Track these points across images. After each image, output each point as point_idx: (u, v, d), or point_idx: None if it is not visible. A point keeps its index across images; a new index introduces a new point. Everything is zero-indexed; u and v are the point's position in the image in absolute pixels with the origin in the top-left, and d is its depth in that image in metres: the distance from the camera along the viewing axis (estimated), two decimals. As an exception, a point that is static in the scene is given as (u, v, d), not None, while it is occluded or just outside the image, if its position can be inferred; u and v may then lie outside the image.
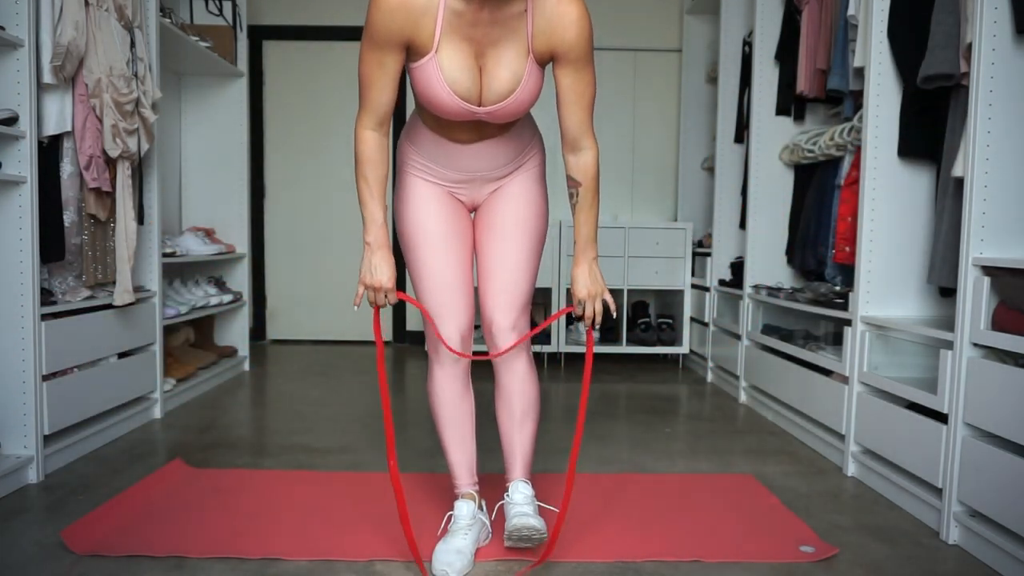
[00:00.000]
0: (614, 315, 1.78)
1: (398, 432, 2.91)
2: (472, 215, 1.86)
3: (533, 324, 1.81)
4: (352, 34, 4.94)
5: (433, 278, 1.76)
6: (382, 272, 1.67)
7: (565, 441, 2.77)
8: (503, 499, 1.83)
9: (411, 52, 1.57)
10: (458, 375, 1.83)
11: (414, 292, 1.81)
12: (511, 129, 1.72)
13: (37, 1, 2.28)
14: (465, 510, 1.80)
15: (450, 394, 1.83)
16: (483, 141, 1.70)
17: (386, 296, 1.68)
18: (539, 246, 1.81)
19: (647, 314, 4.76)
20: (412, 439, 2.81)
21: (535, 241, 1.80)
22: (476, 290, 1.82)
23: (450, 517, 1.82)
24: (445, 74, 1.55)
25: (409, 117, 1.79)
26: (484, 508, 1.89)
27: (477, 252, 1.83)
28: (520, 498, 1.78)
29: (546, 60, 1.60)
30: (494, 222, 1.79)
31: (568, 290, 4.60)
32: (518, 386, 1.81)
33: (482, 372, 2.05)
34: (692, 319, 4.39)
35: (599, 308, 1.73)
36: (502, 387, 1.83)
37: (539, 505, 1.82)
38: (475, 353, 1.83)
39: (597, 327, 1.76)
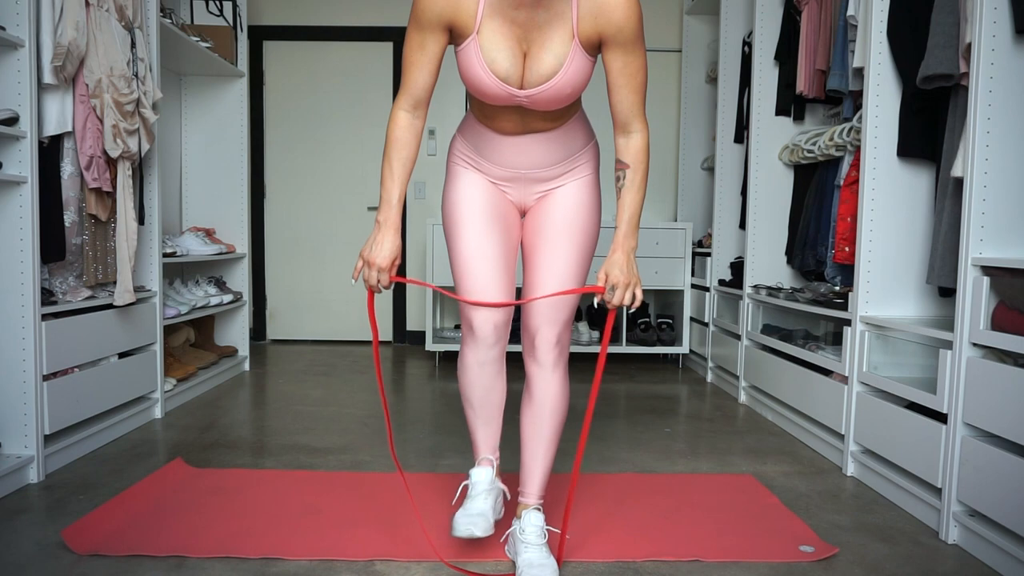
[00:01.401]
0: (632, 309, 1.70)
1: (398, 432, 2.91)
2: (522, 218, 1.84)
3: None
4: (352, 34, 4.96)
5: (472, 260, 1.71)
6: (382, 250, 1.64)
7: (567, 441, 2.78)
8: (513, 525, 1.80)
9: (455, 35, 1.57)
10: (491, 360, 1.77)
11: (453, 277, 1.76)
12: (559, 126, 1.69)
13: (38, 1, 2.28)
14: (484, 475, 1.78)
15: (481, 381, 1.78)
16: (529, 135, 1.68)
17: (379, 279, 1.65)
18: (588, 255, 1.77)
19: (647, 314, 4.76)
20: (412, 439, 2.81)
21: (585, 250, 1.76)
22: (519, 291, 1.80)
23: (465, 487, 1.80)
24: (485, 54, 1.55)
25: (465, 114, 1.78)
26: (499, 478, 1.86)
27: (524, 257, 1.79)
28: (532, 534, 1.73)
29: (594, 44, 1.57)
30: (542, 227, 1.75)
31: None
32: (551, 402, 1.77)
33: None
34: (692, 319, 4.40)
35: (628, 299, 1.66)
36: (534, 398, 1.79)
37: (547, 530, 1.78)
38: (507, 340, 1.77)
39: (627, 309, 1.70)
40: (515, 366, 1.79)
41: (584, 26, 1.54)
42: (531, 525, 1.74)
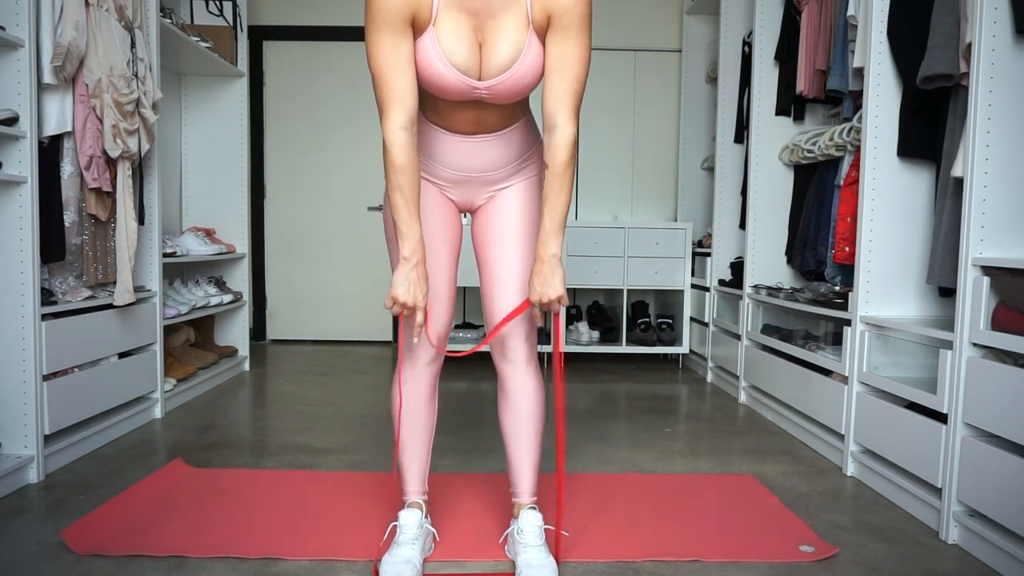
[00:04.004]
0: (556, 309, 1.66)
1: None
2: (465, 217, 1.83)
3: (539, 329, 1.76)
4: (352, 34, 4.96)
5: None
6: (420, 290, 1.57)
7: (553, 441, 2.78)
8: (511, 525, 1.80)
9: (413, 30, 1.52)
10: (427, 380, 1.79)
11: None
12: (510, 127, 1.68)
13: (37, 1, 2.28)
14: (412, 520, 1.75)
15: (415, 400, 1.79)
16: (482, 135, 1.66)
17: (421, 312, 1.59)
18: None
19: (647, 314, 4.76)
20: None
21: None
22: (470, 294, 1.80)
23: (394, 528, 1.78)
24: (443, 46, 1.51)
25: None
26: (428, 517, 1.85)
27: (480, 259, 1.79)
28: (531, 535, 1.73)
29: (545, 29, 1.54)
30: (496, 229, 1.75)
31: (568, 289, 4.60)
32: (529, 397, 1.78)
33: (482, 373, 2.05)
34: (692, 319, 4.40)
35: (554, 310, 1.65)
36: (510, 396, 1.79)
37: (546, 529, 1.77)
38: (451, 350, 1.78)
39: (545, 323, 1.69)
40: (489, 370, 1.80)
41: (536, 10, 1.51)
42: (529, 525, 1.74)
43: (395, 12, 1.47)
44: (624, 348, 4.43)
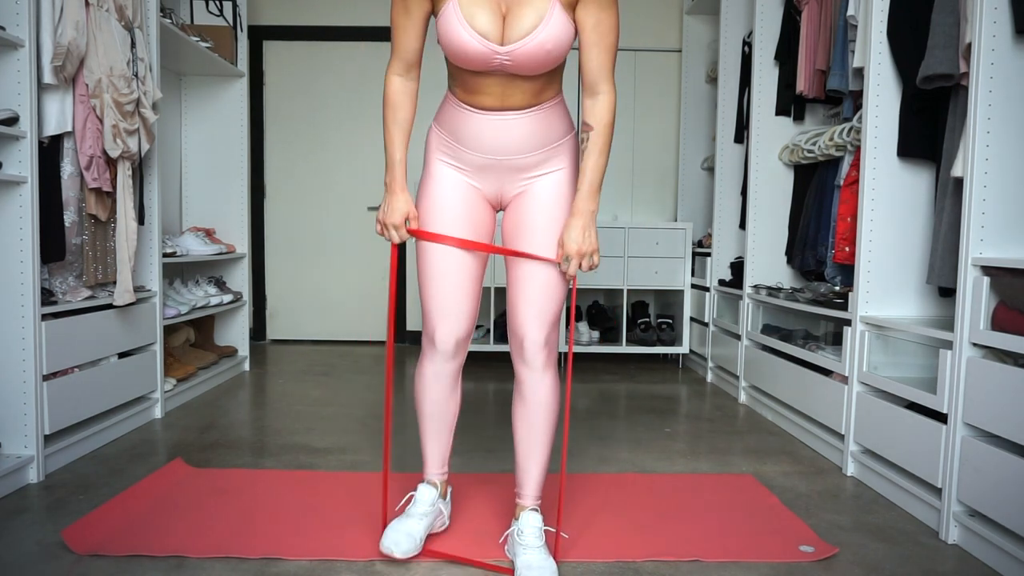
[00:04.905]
0: (586, 268, 1.72)
1: (397, 432, 2.91)
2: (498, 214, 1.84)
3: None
4: (352, 34, 4.96)
5: (441, 276, 1.73)
6: (394, 213, 1.74)
7: (559, 438, 2.78)
8: (512, 526, 1.80)
9: (436, 1, 1.59)
10: (448, 373, 1.83)
11: (419, 287, 1.79)
12: (538, 106, 1.67)
13: (38, 1, 2.28)
14: (427, 495, 1.83)
15: (436, 393, 1.84)
16: (509, 111, 1.65)
17: (398, 234, 1.75)
18: None
19: (647, 314, 4.76)
20: (412, 440, 2.81)
21: None
22: (493, 297, 1.80)
23: (411, 497, 1.85)
24: (464, 11, 1.55)
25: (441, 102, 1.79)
26: (448, 497, 1.91)
27: (506, 259, 1.79)
28: (531, 536, 1.74)
29: (572, 3, 1.58)
30: (524, 229, 1.74)
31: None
32: (543, 403, 1.78)
33: (484, 373, 2.04)
34: (692, 319, 4.40)
35: (584, 266, 1.70)
36: (526, 399, 1.79)
37: (546, 530, 1.78)
38: (471, 353, 1.82)
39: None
40: (508, 367, 1.81)
41: None
42: (529, 527, 1.74)
43: None
44: (624, 348, 4.43)
